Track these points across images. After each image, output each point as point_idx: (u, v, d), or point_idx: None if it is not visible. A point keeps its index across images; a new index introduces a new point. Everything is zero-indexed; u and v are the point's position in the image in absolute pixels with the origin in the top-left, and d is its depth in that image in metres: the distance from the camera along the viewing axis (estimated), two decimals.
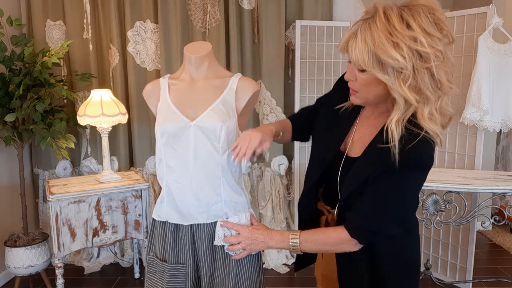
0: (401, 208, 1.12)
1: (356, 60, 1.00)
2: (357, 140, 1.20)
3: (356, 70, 1.04)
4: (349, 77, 1.07)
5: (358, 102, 1.12)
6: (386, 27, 0.96)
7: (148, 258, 1.55)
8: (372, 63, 0.98)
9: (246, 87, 1.48)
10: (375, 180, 1.08)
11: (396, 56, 0.95)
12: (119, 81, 3.13)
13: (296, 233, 1.23)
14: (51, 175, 3.24)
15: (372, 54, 0.97)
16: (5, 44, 2.66)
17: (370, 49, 0.97)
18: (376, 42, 0.96)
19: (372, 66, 0.98)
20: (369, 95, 1.07)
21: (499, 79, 2.65)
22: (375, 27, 0.96)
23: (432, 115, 1.03)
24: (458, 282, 2.92)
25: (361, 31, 0.99)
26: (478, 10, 2.68)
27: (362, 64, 0.99)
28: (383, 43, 0.95)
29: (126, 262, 3.28)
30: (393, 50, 0.95)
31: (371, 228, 1.12)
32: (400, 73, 0.97)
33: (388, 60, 0.96)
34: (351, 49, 1.00)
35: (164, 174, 1.47)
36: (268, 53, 3.08)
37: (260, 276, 1.52)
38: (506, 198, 3.92)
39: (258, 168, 3.27)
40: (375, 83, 1.03)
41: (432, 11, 0.98)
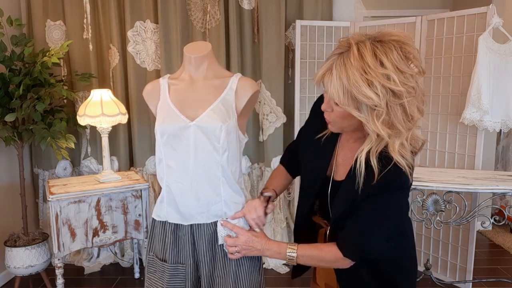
0: (388, 226, 1.17)
1: (332, 96, 1.03)
2: (340, 163, 1.25)
3: (332, 102, 1.07)
4: (325, 108, 1.10)
5: (335, 130, 1.17)
6: (361, 64, 0.97)
7: (148, 258, 1.55)
8: (347, 100, 1.00)
9: (246, 87, 1.48)
10: (361, 203, 1.13)
11: (370, 95, 0.97)
12: (119, 81, 3.14)
13: (293, 246, 1.25)
14: (51, 175, 3.24)
15: (347, 92, 0.99)
16: (5, 44, 2.66)
17: (345, 87, 0.99)
18: (351, 80, 0.98)
19: (347, 104, 1.00)
20: (344, 125, 1.12)
21: (499, 79, 2.66)
22: (349, 64, 0.98)
23: (403, 145, 1.07)
24: (458, 282, 2.92)
25: (336, 67, 1.01)
26: (478, 10, 2.69)
27: (337, 101, 1.02)
28: (357, 81, 0.97)
29: (126, 262, 3.28)
30: (367, 89, 0.97)
31: (361, 247, 1.18)
32: (374, 110, 1.00)
33: (362, 99, 0.98)
34: (327, 84, 1.03)
35: (164, 174, 1.47)
36: (268, 53, 3.08)
37: (260, 276, 1.52)
38: (506, 198, 3.92)
39: (258, 168, 3.28)
40: (349, 116, 1.06)
41: (403, 45, 1.00)
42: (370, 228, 1.15)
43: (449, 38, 2.83)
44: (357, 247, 1.18)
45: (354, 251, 1.19)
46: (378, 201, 1.12)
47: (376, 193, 1.10)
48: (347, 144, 1.24)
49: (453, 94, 2.85)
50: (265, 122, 3.16)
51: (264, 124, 3.17)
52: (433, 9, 4.26)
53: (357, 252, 1.19)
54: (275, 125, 3.17)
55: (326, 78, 1.03)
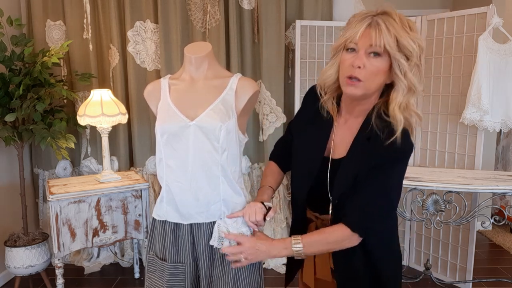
0: (394, 195, 1.22)
1: (380, 44, 1.08)
2: (338, 142, 1.27)
3: (365, 58, 1.11)
4: (358, 64, 1.11)
5: (358, 92, 1.15)
6: (402, 22, 1.10)
7: (148, 257, 1.55)
8: (396, 46, 1.09)
9: (246, 87, 1.49)
10: (367, 176, 1.16)
11: (413, 45, 1.10)
12: (119, 81, 3.14)
13: (297, 238, 1.23)
14: (51, 175, 3.24)
15: (395, 40, 1.09)
16: (5, 44, 2.66)
17: (394, 34, 1.09)
18: (397, 30, 1.09)
19: (397, 49, 1.09)
20: (372, 84, 1.14)
21: (499, 79, 2.66)
22: (393, 21, 1.09)
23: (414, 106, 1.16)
24: (458, 282, 2.92)
25: (383, 21, 1.09)
26: (478, 10, 2.69)
27: (388, 47, 1.08)
28: (403, 33, 1.09)
29: (126, 262, 3.28)
30: (410, 40, 1.10)
31: (370, 220, 1.20)
32: (410, 60, 1.11)
33: (407, 46, 1.09)
34: (374, 36, 1.08)
35: (164, 174, 1.47)
36: (268, 53, 3.08)
37: (260, 276, 1.52)
38: (506, 198, 3.92)
39: (258, 168, 3.28)
40: (382, 72, 1.13)
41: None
42: (378, 200, 1.18)
43: (449, 38, 2.83)
44: (365, 219, 1.19)
45: (363, 224, 1.20)
46: (384, 173, 1.16)
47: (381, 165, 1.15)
48: (345, 124, 1.27)
49: (453, 94, 2.85)
50: (265, 122, 3.16)
51: (264, 124, 3.17)
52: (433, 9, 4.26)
53: (366, 225, 1.20)
54: (275, 125, 3.17)
55: (372, 31, 1.09)
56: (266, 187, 1.45)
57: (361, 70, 1.12)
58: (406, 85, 1.13)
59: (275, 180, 1.49)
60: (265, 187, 1.45)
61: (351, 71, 1.13)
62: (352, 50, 1.13)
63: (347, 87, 1.16)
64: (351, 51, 1.13)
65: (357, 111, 1.24)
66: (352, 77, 1.13)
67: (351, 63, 1.12)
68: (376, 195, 1.18)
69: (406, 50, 1.09)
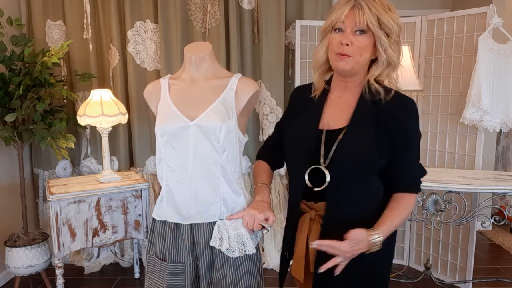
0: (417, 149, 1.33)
1: (363, 23, 1.20)
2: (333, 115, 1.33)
3: (352, 36, 1.22)
4: (346, 41, 1.22)
5: (347, 67, 1.25)
6: (382, 3, 1.22)
7: (148, 258, 1.55)
8: (377, 24, 1.21)
9: (246, 87, 1.49)
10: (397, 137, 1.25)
11: (392, 23, 1.22)
12: (119, 81, 3.14)
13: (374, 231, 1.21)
14: (51, 175, 3.24)
15: (377, 18, 1.20)
16: (5, 44, 2.66)
17: (375, 13, 1.20)
18: (378, 10, 1.21)
19: (378, 26, 1.21)
20: (360, 59, 1.24)
21: (499, 79, 2.66)
22: (373, 2, 1.21)
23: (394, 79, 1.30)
24: (458, 282, 2.92)
25: (365, 2, 1.21)
26: (478, 10, 2.69)
27: (370, 25, 1.20)
28: (383, 12, 1.21)
29: (126, 262, 3.28)
30: (389, 18, 1.22)
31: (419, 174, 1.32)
32: (390, 37, 1.23)
33: (386, 23, 1.21)
34: (357, 15, 1.20)
35: (164, 174, 1.47)
36: (268, 53, 3.08)
37: (260, 276, 1.52)
38: (506, 198, 3.92)
39: None
40: (368, 48, 1.24)
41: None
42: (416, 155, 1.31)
43: (449, 38, 2.83)
44: (417, 175, 1.31)
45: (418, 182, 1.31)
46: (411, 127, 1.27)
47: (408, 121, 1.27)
48: (340, 99, 1.34)
49: (453, 94, 2.85)
50: (265, 122, 3.16)
51: (264, 124, 3.17)
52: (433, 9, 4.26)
53: (419, 181, 1.31)
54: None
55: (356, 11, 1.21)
56: (263, 185, 1.46)
57: (349, 47, 1.22)
58: (385, 59, 1.24)
59: (269, 178, 1.51)
60: (262, 186, 1.46)
61: (340, 49, 1.24)
62: (339, 30, 1.24)
63: (338, 62, 1.25)
64: (338, 31, 1.25)
65: (349, 87, 1.32)
66: (341, 54, 1.24)
67: (339, 41, 1.23)
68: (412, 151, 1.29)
69: (386, 27, 1.21)
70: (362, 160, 1.24)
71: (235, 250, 1.40)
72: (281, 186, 3.25)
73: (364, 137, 1.24)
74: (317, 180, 1.29)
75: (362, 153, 1.24)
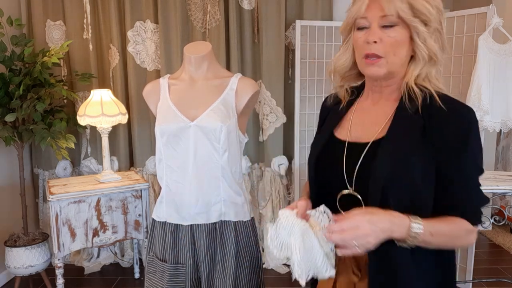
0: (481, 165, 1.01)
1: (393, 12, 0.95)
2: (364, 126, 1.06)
3: (380, 31, 0.97)
4: (374, 39, 0.97)
5: (381, 72, 1.00)
6: None
7: (148, 258, 1.55)
8: (410, 12, 0.95)
9: (246, 87, 1.48)
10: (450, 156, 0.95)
11: (430, 8, 0.96)
12: (119, 81, 3.13)
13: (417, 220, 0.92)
14: (51, 175, 3.24)
15: (408, 4, 0.95)
16: (5, 44, 2.66)
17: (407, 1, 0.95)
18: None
19: (411, 14, 0.95)
20: (395, 59, 0.99)
21: (499, 79, 2.65)
22: None
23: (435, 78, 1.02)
24: (458, 282, 2.92)
25: None
26: (478, 10, 2.68)
27: (402, 13, 0.94)
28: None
29: (126, 262, 3.28)
30: (424, 2, 0.96)
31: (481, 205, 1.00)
32: (428, 26, 0.97)
33: (422, 9, 0.95)
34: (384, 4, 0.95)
35: (164, 174, 1.47)
36: (268, 53, 3.08)
37: (260, 277, 1.52)
38: (506, 198, 3.92)
39: (258, 168, 3.28)
40: (402, 43, 0.98)
41: None
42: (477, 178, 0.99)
43: (449, 38, 2.82)
44: (478, 206, 0.99)
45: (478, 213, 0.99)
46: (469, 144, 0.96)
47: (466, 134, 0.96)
48: (374, 107, 1.07)
49: (453, 94, 2.82)
50: (265, 122, 3.16)
51: (264, 124, 3.17)
52: None
53: (480, 213, 0.99)
54: (275, 125, 3.17)
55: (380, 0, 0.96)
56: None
57: (378, 44, 0.97)
58: (426, 54, 0.98)
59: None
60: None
61: (367, 49, 0.98)
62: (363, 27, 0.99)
63: (368, 68, 1.00)
64: (362, 29, 1.00)
65: (386, 92, 1.06)
66: (369, 56, 0.98)
67: (365, 39, 0.98)
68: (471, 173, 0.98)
69: (422, 14, 0.95)
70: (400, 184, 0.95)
71: None
72: (281, 186, 3.25)
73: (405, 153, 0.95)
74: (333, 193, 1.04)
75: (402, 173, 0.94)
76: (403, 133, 0.97)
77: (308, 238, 0.96)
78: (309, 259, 0.95)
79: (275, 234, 1.00)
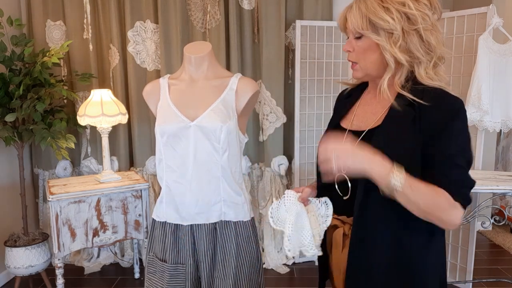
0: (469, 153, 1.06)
1: (352, 27, 1.10)
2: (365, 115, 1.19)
3: (353, 41, 1.13)
4: (347, 48, 1.14)
5: (359, 75, 1.16)
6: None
7: (148, 258, 1.55)
8: (366, 26, 1.08)
9: (246, 87, 1.48)
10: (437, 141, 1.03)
11: (386, 18, 1.05)
12: (119, 81, 3.13)
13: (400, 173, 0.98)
14: (51, 175, 3.24)
15: (366, 18, 1.07)
16: (5, 44, 2.66)
17: (363, 14, 1.08)
18: (369, 8, 1.07)
19: (366, 28, 1.07)
20: (366, 63, 1.12)
21: (499, 79, 2.65)
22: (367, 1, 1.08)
23: (429, 75, 1.09)
24: (458, 282, 2.92)
25: (356, 2, 1.11)
26: (478, 10, 2.68)
27: (357, 28, 1.09)
28: (375, 8, 1.06)
29: (126, 262, 3.28)
30: (384, 14, 1.05)
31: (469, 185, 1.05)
32: (391, 34, 1.06)
33: (379, 22, 1.06)
34: (349, 19, 1.11)
35: (164, 174, 1.47)
36: (268, 53, 3.08)
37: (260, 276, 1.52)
38: (506, 198, 3.92)
39: (258, 168, 3.28)
40: (370, 50, 1.11)
41: None
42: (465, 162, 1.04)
43: (449, 38, 2.82)
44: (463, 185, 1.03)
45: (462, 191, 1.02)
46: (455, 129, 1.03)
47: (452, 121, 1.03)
48: (373, 100, 1.19)
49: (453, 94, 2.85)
50: (265, 122, 3.16)
51: (264, 124, 3.17)
52: None
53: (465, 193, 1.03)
54: (275, 125, 3.17)
55: (348, 14, 1.12)
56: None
57: (351, 53, 1.14)
58: (392, 61, 1.07)
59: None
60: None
61: (348, 56, 1.17)
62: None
63: (352, 72, 1.18)
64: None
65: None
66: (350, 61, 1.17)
67: (344, 48, 1.16)
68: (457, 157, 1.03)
69: (381, 26, 1.06)
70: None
71: None
72: (281, 186, 3.24)
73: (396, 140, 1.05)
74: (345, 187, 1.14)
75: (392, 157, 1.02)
76: (396, 122, 1.08)
77: (301, 218, 1.14)
78: (298, 236, 1.13)
79: (276, 208, 1.16)
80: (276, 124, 3.17)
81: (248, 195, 1.53)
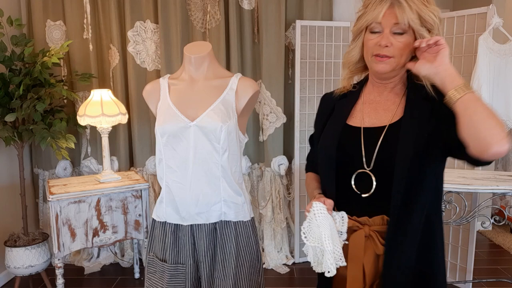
0: None
1: (405, 21, 1.12)
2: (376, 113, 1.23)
3: (391, 36, 1.14)
4: (385, 43, 1.14)
5: (388, 68, 1.17)
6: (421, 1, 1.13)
7: (148, 258, 1.55)
8: (419, 21, 1.12)
9: (246, 87, 1.48)
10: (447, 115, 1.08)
11: (434, 18, 1.13)
12: (119, 81, 3.14)
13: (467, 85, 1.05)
14: (51, 175, 3.24)
15: (417, 15, 1.12)
16: (5, 44, 2.66)
17: (415, 10, 1.12)
18: (418, 5, 1.12)
19: (419, 24, 1.12)
20: (401, 60, 1.16)
21: (499, 79, 2.65)
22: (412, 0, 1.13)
23: None
24: (458, 282, 2.92)
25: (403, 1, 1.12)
26: (478, 10, 2.68)
27: (412, 23, 1.11)
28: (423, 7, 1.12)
29: (126, 262, 3.28)
30: (430, 13, 1.13)
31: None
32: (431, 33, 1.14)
33: (428, 20, 1.12)
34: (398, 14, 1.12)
35: (164, 174, 1.47)
36: (268, 53, 3.08)
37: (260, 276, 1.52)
38: (506, 198, 3.92)
39: (258, 168, 3.28)
40: (408, 46, 1.14)
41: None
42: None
43: (449, 38, 2.82)
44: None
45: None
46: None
47: None
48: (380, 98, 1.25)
49: None
50: (265, 122, 3.16)
51: (264, 124, 3.17)
52: None
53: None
54: (275, 125, 3.17)
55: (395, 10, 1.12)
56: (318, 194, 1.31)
57: (389, 48, 1.14)
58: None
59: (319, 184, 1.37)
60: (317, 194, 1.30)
61: (378, 50, 1.15)
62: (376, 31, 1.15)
63: (377, 65, 1.17)
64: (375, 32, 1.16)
65: (388, 87, 1.24)
66: (380, 55, 1.16)
67: (377, 42, 1.15)
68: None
69: (427, 23, 1.13)
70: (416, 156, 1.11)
71: None
72: (281, 186, 3.25)
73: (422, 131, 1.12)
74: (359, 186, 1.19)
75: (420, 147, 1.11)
76: (417, 115, 1.15)
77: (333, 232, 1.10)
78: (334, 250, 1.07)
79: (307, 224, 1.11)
80: (276, 124, 3.17)
81: (248, 195, 1.53)
